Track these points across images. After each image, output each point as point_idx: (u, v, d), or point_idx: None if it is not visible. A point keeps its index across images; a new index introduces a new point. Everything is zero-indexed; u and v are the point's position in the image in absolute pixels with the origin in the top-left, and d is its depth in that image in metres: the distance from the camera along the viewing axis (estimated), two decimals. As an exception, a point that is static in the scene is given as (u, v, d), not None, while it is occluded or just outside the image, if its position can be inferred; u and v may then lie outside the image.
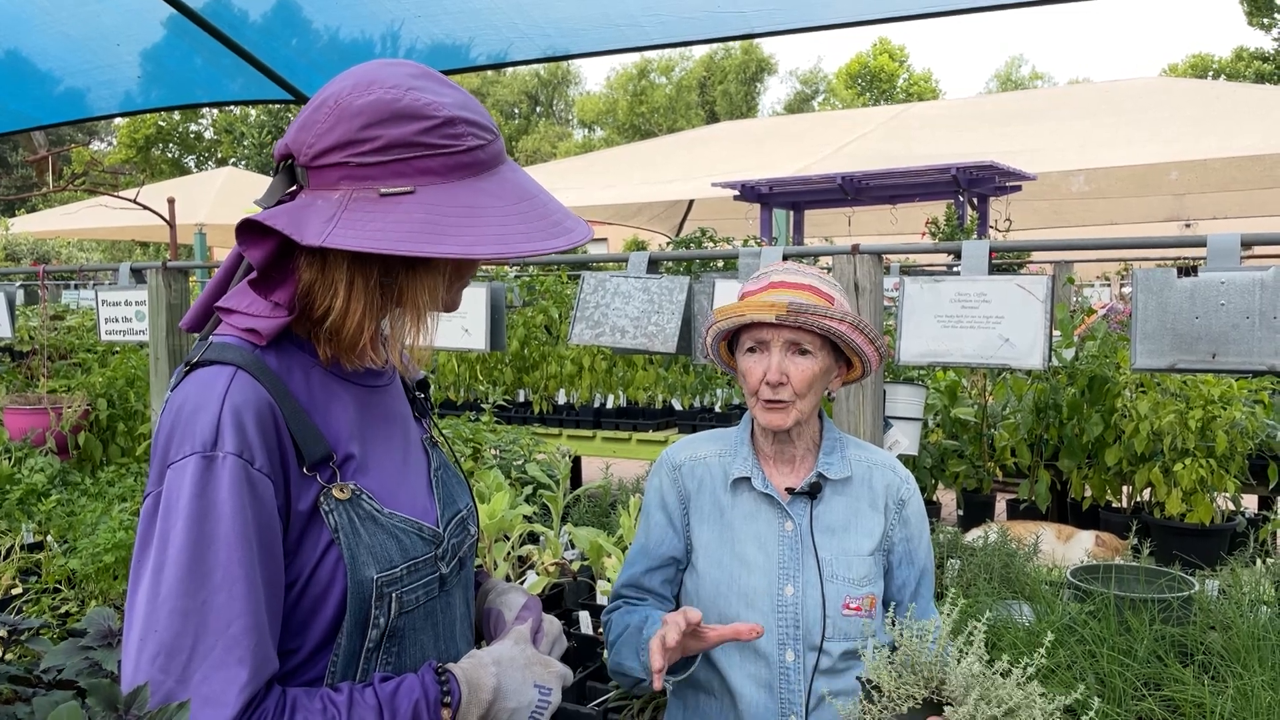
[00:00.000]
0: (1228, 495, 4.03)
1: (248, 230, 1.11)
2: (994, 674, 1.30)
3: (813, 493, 1.70)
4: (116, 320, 4.16)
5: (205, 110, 34.92)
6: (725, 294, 3.01)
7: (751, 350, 1.67)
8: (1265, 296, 2.29)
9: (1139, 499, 4.32)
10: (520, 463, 4.33)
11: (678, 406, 6.13)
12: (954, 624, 1.40)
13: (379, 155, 1.08)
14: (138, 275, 4.21)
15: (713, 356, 1.79)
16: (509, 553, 3.18)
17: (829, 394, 1.78)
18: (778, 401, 1.65)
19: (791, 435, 1.72)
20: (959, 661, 1.33)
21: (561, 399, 6.28)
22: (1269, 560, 3.02)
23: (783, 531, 1.69)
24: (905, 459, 3.99)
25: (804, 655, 1.64)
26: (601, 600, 2.95)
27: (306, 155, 1.11)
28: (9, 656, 1.76)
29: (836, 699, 1.63)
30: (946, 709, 1.30)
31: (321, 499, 1.13)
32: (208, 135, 38.72)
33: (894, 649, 1.76)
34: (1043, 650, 1.39)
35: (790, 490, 1.71)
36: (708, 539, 1.73)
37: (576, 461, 6.54)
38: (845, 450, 1.76)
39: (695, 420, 5.93)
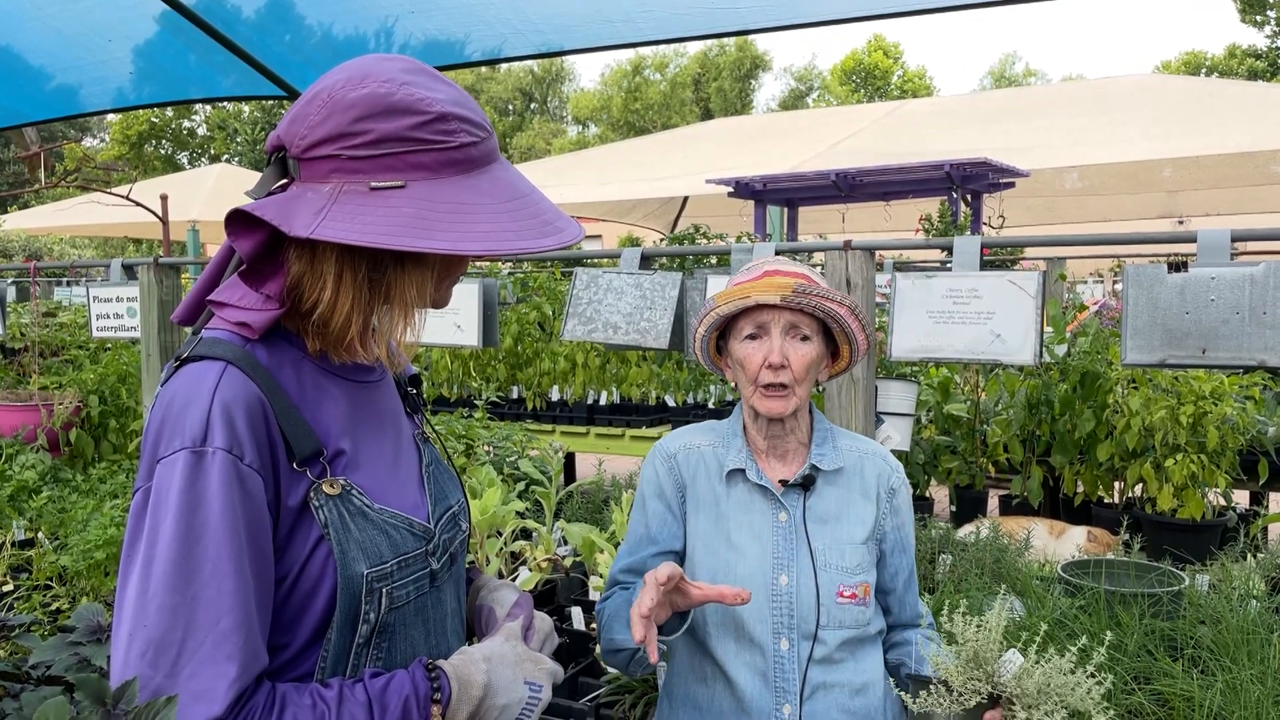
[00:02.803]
0: (1218, 491, 4.05)
1: (237, 221, 1.11)
2: (1061, 671, 1.33)
3: (806, 484, 1.72)
4: (108, 317, 4.15)
5: (198, 106, 34.85)
6: (718, 290, 3.01)
7: (751, 337, 1.69)
8: (1255, 292, 2.30)
9: (1130, 494, 4.34)
10: (513, 459, 4.33)
11: (671, 403, 6.14)
12: (1001, 620, 1.42)
13: (370, 149, 1.08)
14: (129, 272, 4.20)
15: (699, 353, 1.79)
16: (501, 549, 3.17)
17: (819, 386, 1.79)
18: (778, 385, 1.67)
19: (786, 426, 1.73)
20: (1002, 656, 1.36)
21: (555, 395, 6.27)
22: (1259, 555, 3.04)
23: (776, 522, 1.70)
24: (897, 455, 3.99)
25: (798, 644, 1.65)
26: (594, 596, 2.95)
27: (298, 147, 1.10)
28: (-1, 653, 1.76)
29: (850, 689, 1.65)
30: (1013, 706, 1.33)
31: (311, 494, 1.13)
32: (201, 132, 38.57)
33: (886, 634, 1.79)
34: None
35: (784, 482, 1.72)
36: (703, 528, 1.74)
37: (570, 458, 6.54)
38: (837, 441, 1.78)
39: (689, 416, 5.93)
